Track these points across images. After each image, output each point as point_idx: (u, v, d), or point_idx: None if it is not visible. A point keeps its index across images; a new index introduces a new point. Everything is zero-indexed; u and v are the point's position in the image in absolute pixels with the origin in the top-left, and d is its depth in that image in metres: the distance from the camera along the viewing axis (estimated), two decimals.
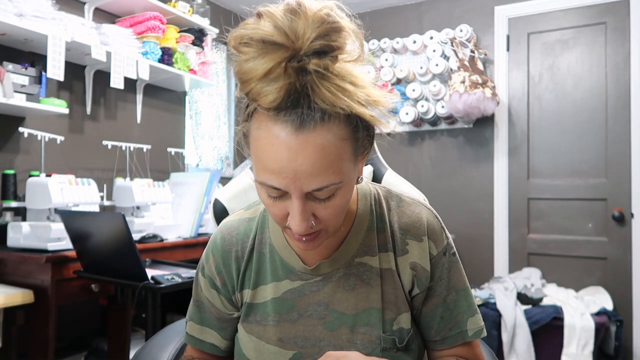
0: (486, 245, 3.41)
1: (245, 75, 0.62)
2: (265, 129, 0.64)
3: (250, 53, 0.61)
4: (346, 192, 0.69)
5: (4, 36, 2.26)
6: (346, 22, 0.63)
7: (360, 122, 0.66)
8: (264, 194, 0.69)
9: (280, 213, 0.69)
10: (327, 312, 0.80)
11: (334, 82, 0.62)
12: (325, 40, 0.61)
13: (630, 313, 2.98)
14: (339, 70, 0.63)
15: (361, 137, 0.68)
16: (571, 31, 3.21)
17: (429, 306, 0.82)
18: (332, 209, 0.68)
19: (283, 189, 0.65)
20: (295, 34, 0.60)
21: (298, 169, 0.63)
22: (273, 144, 0.63)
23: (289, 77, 0.60)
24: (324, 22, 0.60)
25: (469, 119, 3.33)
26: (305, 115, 0.62)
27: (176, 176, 2.92)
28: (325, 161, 0.63)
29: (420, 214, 0.82)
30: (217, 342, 0.88)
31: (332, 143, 0.63)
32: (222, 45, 3.77)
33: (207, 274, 0.87)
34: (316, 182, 0.64)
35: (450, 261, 0.82)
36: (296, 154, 0.62)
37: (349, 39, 0.63)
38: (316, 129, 0.62)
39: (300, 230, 0.67)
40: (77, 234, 1.94)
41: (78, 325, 2.67)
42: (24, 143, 2.46)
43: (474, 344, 0.84)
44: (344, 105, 0.62)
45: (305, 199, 0.66)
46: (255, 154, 0.67)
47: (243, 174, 1.25)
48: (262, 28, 0.60)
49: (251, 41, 0.60)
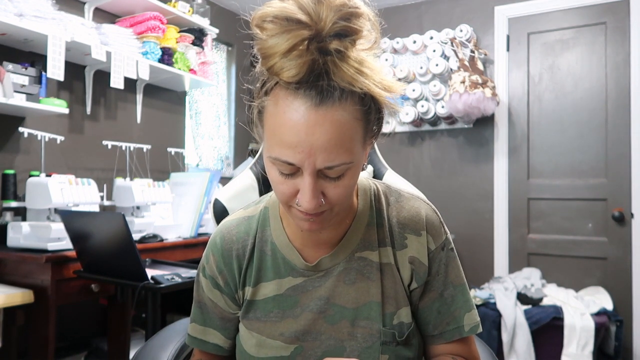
0: (486, 245, 3.41)
1: (268, 50, 0.64)
2: (285, 103, 0.66)
3: (273, 30, 0.63)
4: (354, 173, 0.71)
5: (4, 36, 2.26)
6: (365, 9, 0.66)
7: (373, 105, 0.69)
8: (274, 172, 0.70)
9: (289, 191, 0.70)
10: (328, 306, 0.81)
11: (353, 65, 0.64)
12: (346, 22, 0.63)
13: (630, 313, 2.98)
14: (357, 56, 0.65)
15: (372, 120, 0.70)
16: (571, 31, 3.21)
17: (426, 300, 0.82)
18: (340, 189, 0.70)
19: (297, 164, 0.66)
20: (319, 16, 0.62)
21: (314, 144, 0.65)
22: (292, 118, 0.65)
23: (311, 54, 0.63)
24: (345, 6, 0.63)
25: (469, 119, 3.33)
26: (325, 92, 0.64)
27: (176, 176, 2.92)
28: (340, 139, 0.66)
29: (419, 208, 0.83)
30: (220, 342, 0.88)
31: (347, 121, 0.66)
32: (222, 45, 3.77)
33: (208, 274, 0.87)
34: (330, 158, 0.66)
35: (448, 256, 0.83)
36: (314, 128, 0.64)
37: (366, 25, 0.66)
38: (334, 105, 0.65)
39: (310, 207, 0.68)
40: (77, 234, 1.94)
41: (78, 325, 2.67)
42: (24, 143, 2.46)
43: (469, 340, 0.85)
44: (362, 85, 0.65)
45: (316, 176, 0.68)
46: (272, 129, 0.68)
47: (243, 174, 1.25)
48: (287, 7, 0.63)
49: (275, 19, 0.63)
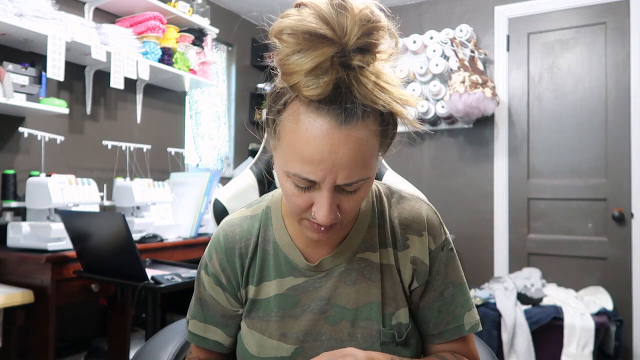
0: (486, 245, 3.41)
1: (291, 67, 0.62)
2: (307, 120, 0.65)
3: (295, 44, 0.61)
4: (368, 187, 0.71)
5: (4, 36, 2.26)
6: (385, 22, 0.65)
7: (392, 121, 0.69)
8: (290, 185, 0.70)
9: (304, 204, 0.70)
10: (328, 307, 0.81)
11: (372, 79, 0.63)
12: (369, 38, 0.62)
13: (630, 313, 2.98)
14: (374, 68, 0.64)
15: (389, 135, 0.70)
16: (571, 31, 3.21)
17: (426, 300, 0.83)
18: (354, 201, 0.70)
19: (316, 181, 0.66)
20: (343, 30, 0.60)
21: (337, 162, 0.64)
22: (315, 136, 0.64)
23: (336, 71, 0.61)
24: (369, 20, 0.62)
25: (469, 119, 3.33)
26: (350, 110, 0.63)
27: (176, 176, 2.92)
28: (361, 156, 0.65)
29: (420, 209, 0.84)
30: (221, 339, 0.88)
31: (368, 139, 0.66)
32: (222, 45, 3.77)
33: (210, 271, 0.87)
34: (350, 175, 0.66)
35: (448, 256, 0.83)
36: (338, 147, 0.64)
37: (385, 37, 0.65)
38: (358, 124, 0.64)
39: (327, 221, 0.68)
40: (77, 234, 1.94)
41: (78, 325, 2.67)
42: (24, 143, 2.46)
43: (468, 339, 0.85)
44: (384, 102, 0.64)
45: (334, 191, 0.67)
46: (291, 145, 0.67)
47: (243, 174, 1.25)
48: (307, 19, 0.61)
49: (296, 32, 0.61)
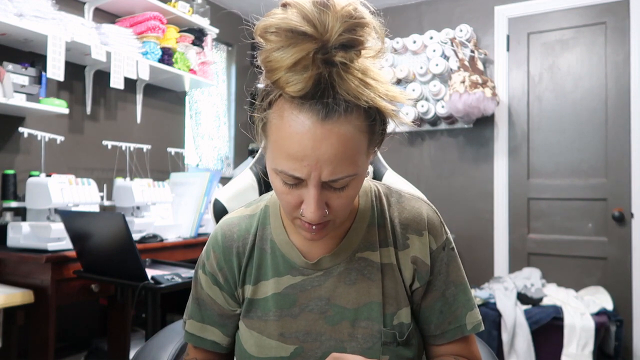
0: (486, 245, 3.41)
1: (272, 64, 0.63)
2: (290, 117, 0.65)
3: (278, 42, 0.62)
4: (358, 184, 0.71)
5: (4, 36, 2.26)
6: (370, 19, 0.65)
7: (378, 116, 0.68)
8: (279, 182, 0.70)
9: (294, 201, 0.70)
10: (328, 307, 0.80)
11: (357, 75, 0.64)
12: (351, 34, 0.63)
13: (630, 313, 2.98)
14: (360, 65, 0.64)
15: (377, 131, 0.70)
16: (571, 31, 3.21)
17: (428, 300, 0.82)
18: (344, 199, 0.70)
19: (302, 177, 0.66)
20: (324, 27, 0.61)
21: (320, 157, 0.64)
22: (297, 132, 0.64)
23: (317, 67, 0.62)
24: (352, 16, 0.62)
25: (469, 119, 3.33)
26: (331, 106, 0.63)
27: (176, 176, 2.92)
28: (345, 152, 0.65)
29: (420, 208, 0.84)
30: (218, 339, 0.88)
31: (353, 135, 0.65)
32: (222, 45, 3.77)
33: (208, 270, 0.86)
34: (335, 171, 0.66)
35: (449, 256, 0.83)
36: (320, 142, 0.64)
37: (371, 34, 0.65)
38: (340, 119, 0.64)
39: (314, 218, 0.68)
40: (77, 234, 1.94)
41: (78, 325, 2.67)
42: (24, 143, 2.46)
43: (470, 340, 0.85)
44: (367, 98, 0.64)
45: (321, 188, 0.68)
46: (276, 142, 0.67)
47: (243, 174, 1.25)
48: (290, 18, 0.62)
49: (279, 30, 0.62)
